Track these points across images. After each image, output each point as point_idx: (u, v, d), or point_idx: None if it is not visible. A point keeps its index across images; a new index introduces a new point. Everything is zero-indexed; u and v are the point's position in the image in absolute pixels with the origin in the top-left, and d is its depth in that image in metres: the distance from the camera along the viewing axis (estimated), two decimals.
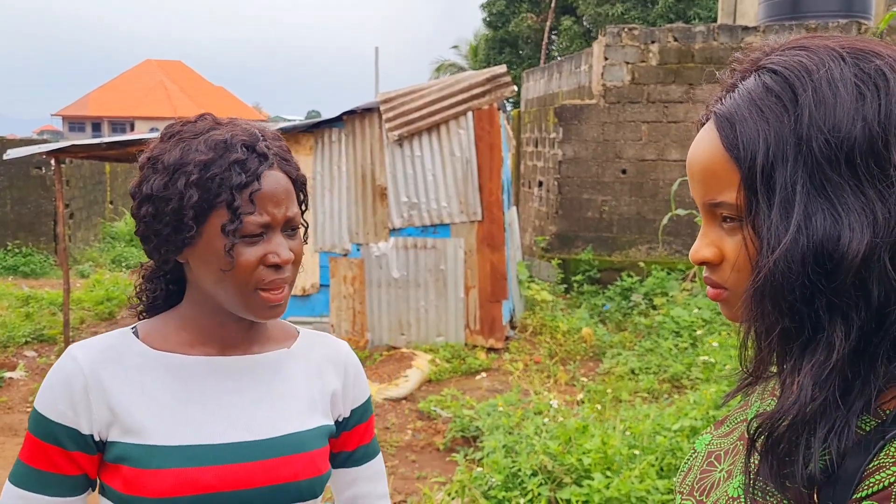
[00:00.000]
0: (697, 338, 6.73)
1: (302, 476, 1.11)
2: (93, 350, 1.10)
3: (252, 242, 1.05)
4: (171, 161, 1.06)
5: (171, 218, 1.05)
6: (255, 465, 1.08)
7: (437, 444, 5.08)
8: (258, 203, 1.04)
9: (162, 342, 1.13)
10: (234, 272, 1.05)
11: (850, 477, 0.67)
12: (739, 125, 0.74)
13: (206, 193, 1.03)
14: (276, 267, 1.07)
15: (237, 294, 1.07)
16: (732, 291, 0.79)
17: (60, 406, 1.06)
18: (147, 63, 48.40)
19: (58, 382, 1.07)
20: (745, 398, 0.96)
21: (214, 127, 1.09)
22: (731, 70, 0.81)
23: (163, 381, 1.10)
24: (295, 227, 1.11)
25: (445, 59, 30.34)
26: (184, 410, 1.09)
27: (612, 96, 9.22)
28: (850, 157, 0.68)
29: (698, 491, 0.90)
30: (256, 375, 1.15)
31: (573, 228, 9.53)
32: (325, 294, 7.48)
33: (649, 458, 3.69)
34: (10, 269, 11.65)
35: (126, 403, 1.07)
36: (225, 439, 1.09)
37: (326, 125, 7.40)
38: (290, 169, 1.11)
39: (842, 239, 0.67)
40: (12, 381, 6.41)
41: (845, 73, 0.71)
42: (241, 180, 1.03)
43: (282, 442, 1.12)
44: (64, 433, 1.06)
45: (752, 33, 9.00)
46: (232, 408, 1.11)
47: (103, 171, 14.67)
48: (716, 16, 17.32)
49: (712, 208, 0.78)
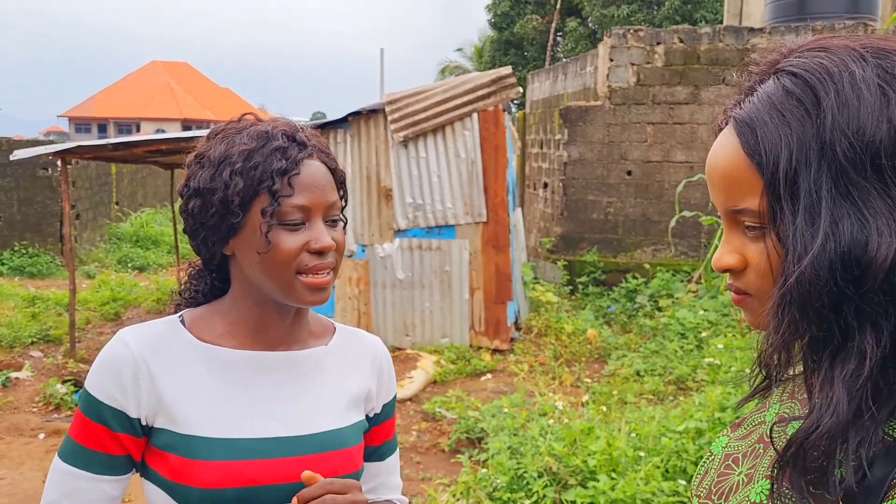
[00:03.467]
0: (703, 340, 6.71)
1: (341, 472, 1.13)
2: (143, 337, 1.13)
3: (294, 230, 1.09)
4: (216, 155, 1.11)
5: (217, 208, 1.09)
6: (296, 461, 1.11)
7: (442, 445, 5.07)
8: (297, 187, 1.08)
9: (208, 334, 1.16)
10: (276, 257, 1.08)
11: (878, 484, 0.66)
12: (760, 130, 0.72)
13: (250, 180, 1.08)
14: (318, 253, 1.10)
15: (279, 279, 1.10)
16: (756, 298, 0.78)
17: (109, 389, 1.09)
18: (153, 64, 48.51)
19: (108, 365, 1.10)
20: (762, 400, 0.95)
21: (256, 123, 1.16)
22: (748, 73, 0.79)
23: (208, 373, 1.13)
24: (336, 218, 1.14)
25: (451, 61, 30.35)
26: (227, 403, 1.12)
27: (617, 98, 9.21)
28: (876, 159, 0.67)
29: (716, 494, 0.88)
30: (296, 372, 1.18)
31: (578, 230, 9.52)
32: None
33: (654, 459, 3.68)
34: (17, 269, 11.69)
35: (173, 392, 1.10)
36: (267, 433, 1.12)
37: (332, 126, 7.41)
38: (329, 160, 1.15)
39: (870, 244, 0.66)
40: (18, 381, 6.43)
41: (868, 74, 0.69)
42: (281, 165, 1.08)
43: (322, 438, 1.15)
44: (111, 415, 1.09)
45: (758, 35, 8.99)
46: (272, 403, 1.14)
47: (109, 172, 14.72)
48: (721, 18, 17.29)
49: (734, 215, 0.77)
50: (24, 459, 4.99)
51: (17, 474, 4.77)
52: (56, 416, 5.74)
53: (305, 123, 1.19)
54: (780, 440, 0.78)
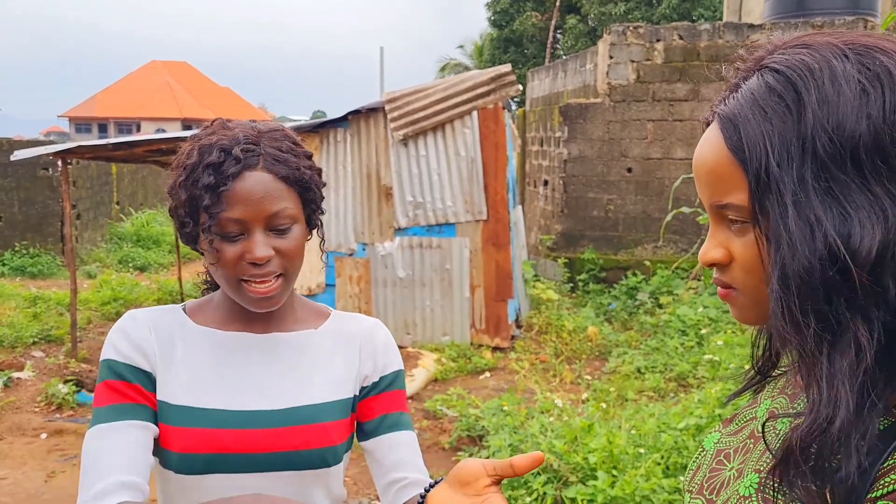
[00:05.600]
0: (703, 336, 6.72)
1: (313, 445, 1.20)
2: (147, 314, 1.25)
3: (233, 241, 1.15)
4: (176, 163, 1.20)
5: (176, 214, 1.20)
6: (270, 432, 1.19)
7: (443, 443, 5.08)
8: (229, 202, 1.13)
9: (203, 318, 1.26)
10: (220, 266, 1.16)
11: (865, 476, 0.66)
12: (743, 127, 0.73)
13: (190, 194, 1.15)
14: (257, 263, 1.15)
15: (228, 284, 1.18)
16: (742, 292, 0.78)
17: (122, 348, 1.19)
18: (153, 64, 48.47)
19: (118, 331, 1.21)
20: (753, 396, 0.95)
21: (215, 132, 1.20)
22: (734, 69, 0.80)
23: (199, 350, 1.23)
24: (283, 227, 1.17)
25: (450, 59, 30.32)
26: (212, 378, 1.21)
27: (617, 95, 9.20)
28: (856, 155, 0.68)
29: (708, 489, 0.89)
30: (282, 352, 1.26)
31: (579, 227, 9.52)
32: (330, 293, 7.49)
33: (655, 456, 3.69)
34: (18, 269, 11.70)
35: (167, 364, 1.20)
36: (245, 406, 1.19)
37: (332, 125, 7.41)
38: (279, 168, 1.17)
39: (852, 237, 0.67)
40: (20, 381, 6.44)
41: (848, 71, 0.70)
42: (210, 181, 1.13)
43: (297, 413, 1.21)
44: (125, 368, 1.18)
45: (758, 31, 8.98)
46: (256, 379, 1.22)
47: (110, 172, 14.72)
48: (719, 16, 17.27)
49: (720, 210, 0.78)
50: (26, 459, 5.01)
51: (19, 474, 4.78)
52: (58, 415, 5.75)
53: (279, 127, 1.23)
54: (770, 435, 0.78)
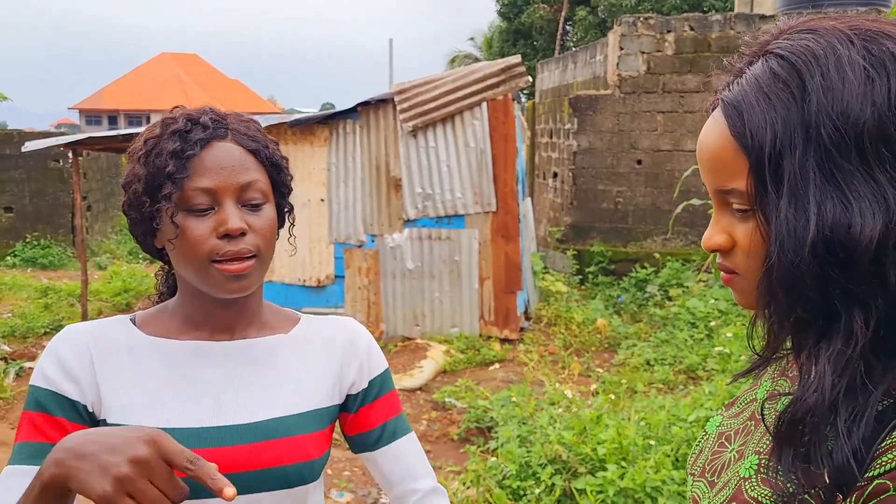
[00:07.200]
0: (713, 329, 6.70)
1: (286, 461, 1.09)
2: (87, 329, 1.12)
3: (201, 215, 1.05)
4: (132, 150, 1.11)
5: (132, 200, 1.08)
6: (235, 450, 1.07)
7: (452, 434, 5.09)
8: (197, 169, 1.05)
9: (155, 328, 1.14)
10: (186, 244, 1.05)
11: (860, 457, 0.67)
12: (747, 113, 0.73)
13: (152, 166, 1.05)
14: (231, 238, 1.05)
15: (194, 267, 1.06)
16: (744, 277, 0.79)
17: (49, 374, 1.07)
18: (162, 56, 48.55)
19: (50, 354, 1.09)
20: (755, 379, 0.96)
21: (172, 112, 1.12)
22: (739, 55, 0.80)
23: (150, 364, 1.10)
24: (258, 202, 1.08)
25: (460, 51, 30.25)
26: (168, 393, 1.09)
27: (627, 86, 9.16)
28: (860, 142, 0.67)
29: (710, 472, 0.90)
30: (247, 360, 1.14)
31: (588, 219, 9.49)
32: (339, 285, 7.50)
33: (664, 448, 3.68)
34: (29, 260, 11.77)
35: (112, 383, 1.08)
36: (207, 423, 1.08)
37: (341, 117, 7.41)
38: (248, 143, 1.09)
39: (853, 227, 0.67)
40: (32, 371, 6.48)
41: (854, 57, 0.69)
42: (176, 147, 1.04)
43: (264, 427, 1.10)
44: (48, 398, 1.06)
45: (770, 22, 8.91)
46: (217, 392, 1.11)
47: (120, 164, 14.77)
48: (731, 7, 17.16)
49: (723, 196, 0.78)
50: None
51: None
52: None
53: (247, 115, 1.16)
54: (770, 417, 0.79)
